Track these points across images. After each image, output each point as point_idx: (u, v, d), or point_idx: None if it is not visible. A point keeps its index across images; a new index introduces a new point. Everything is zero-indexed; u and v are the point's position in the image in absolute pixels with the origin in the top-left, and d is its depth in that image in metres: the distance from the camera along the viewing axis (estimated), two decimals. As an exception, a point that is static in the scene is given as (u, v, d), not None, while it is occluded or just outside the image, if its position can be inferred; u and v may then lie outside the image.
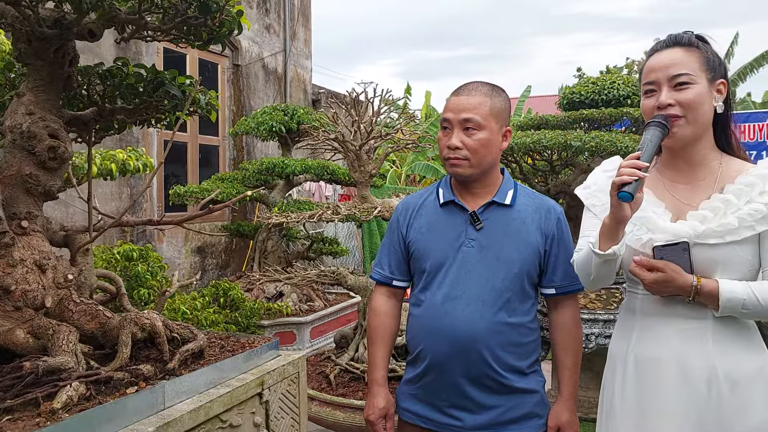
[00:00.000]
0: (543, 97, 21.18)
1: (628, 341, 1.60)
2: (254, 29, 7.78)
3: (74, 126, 1.89)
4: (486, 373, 1.70)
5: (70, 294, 1.68)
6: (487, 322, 1.69)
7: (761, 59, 16.45)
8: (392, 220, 1.92)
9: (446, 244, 1.76)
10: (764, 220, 1.43)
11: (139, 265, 4.08)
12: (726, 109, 1.53)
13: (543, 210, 1.80)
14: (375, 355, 1.88)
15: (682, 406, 1.48)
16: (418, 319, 1.79)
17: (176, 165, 6.77)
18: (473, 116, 1.70)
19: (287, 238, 6.24)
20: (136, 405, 1.52)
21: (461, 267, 1.73)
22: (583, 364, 4.32)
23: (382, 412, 1.83)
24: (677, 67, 1.50)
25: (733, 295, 1.42)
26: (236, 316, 4.69)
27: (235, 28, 1.65)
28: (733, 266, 1.46)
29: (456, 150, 1.71)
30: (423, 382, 1.78)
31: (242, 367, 1.91)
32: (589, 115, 4.59)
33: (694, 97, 1.48)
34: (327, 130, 3.62)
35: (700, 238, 1.47)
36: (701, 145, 1.54)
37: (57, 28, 1.57)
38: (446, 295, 1.73)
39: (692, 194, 1.54)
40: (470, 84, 1.78)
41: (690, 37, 1.54)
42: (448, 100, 1.78)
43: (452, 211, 1.79)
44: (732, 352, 1.47)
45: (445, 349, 1.71)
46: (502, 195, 1.78)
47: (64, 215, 5.10)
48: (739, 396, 1.45)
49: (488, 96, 1.73)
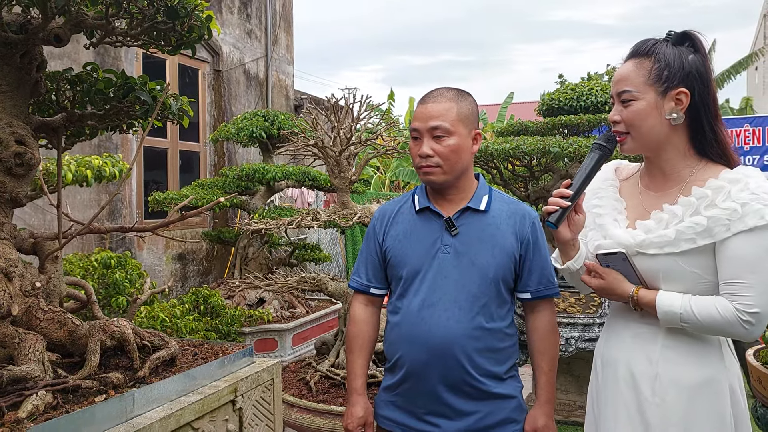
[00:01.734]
0: (525, 104, 21.36)
1: (599, 343, 1.65)
2: (235, 34, 7.76)
3: (44, 132, 1.87)
4: (463, 378, 1.70)
5: (37, 302, 1.66)
6: (463, 328, 1.69)
7: (738, 66, 16.74)
8: (369, 228, 1.92)
9: (422, 251, 1.76)
10: (706, 234, 1.39)
11: (117, 272, 4.03)
12: (699, 115, 1.46)
13: (518, 215, 1.80)
14: (354, 364, 1.88)
15: (629, 409, 1.49)
16: (396, 326, 1.79)
17: (156, 171, 6.71)
18: (441, 123, 1.70)
19: (269, 245, 6.21)
20: (104, 413, 1.51)
21: (438, 273, 1.73)
22: (563, 367, 4.38)
23: (360, 421, 1.83)
24: (621, 84, 1.49)
25: (670, 308, 1.41)
26: (217, 324, 4.65)
27: (205, 33, 1.64)
28: (675, 277, 1.44)
29: (427, 158, 1.71)
30: (401, 389, 1.78)
31: (215, 374, 1.90)
32: (568, 121, 4.64)
33: (632, 114, 1.47)
34: (307, 136, 3.61)
35: (640, 247, 1.47)
36: (665, 155, 1.51)
37: (23, 33, 1.55)
38: (423, 301, 1.73)
39: (656, 202, 1.53)
40: (436, 91, 1.78)
41: (647, 46, 1.49)
42: (416, 109, 1.78)
43: (428, 218, 1.80)
44: (679, 360, 1.46)
45: (423, 356, 1.71)
46: (477, 200, 1.79)
47: (41, 222, 5.03)
48: (683, 406, 1.43)
49: (454, 101, 1.74)
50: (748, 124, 10.18)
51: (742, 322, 1.35)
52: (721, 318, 1.37)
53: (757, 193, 1.36)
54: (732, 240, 1.37)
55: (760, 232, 1.35)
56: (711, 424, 1.42)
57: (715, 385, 1.44)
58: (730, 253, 1.37)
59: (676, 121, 1.46)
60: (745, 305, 1.35)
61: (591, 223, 1.62)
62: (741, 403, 1.48)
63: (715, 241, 1.39)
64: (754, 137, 10.05)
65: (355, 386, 1.86)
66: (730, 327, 1.37)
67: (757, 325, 1.36)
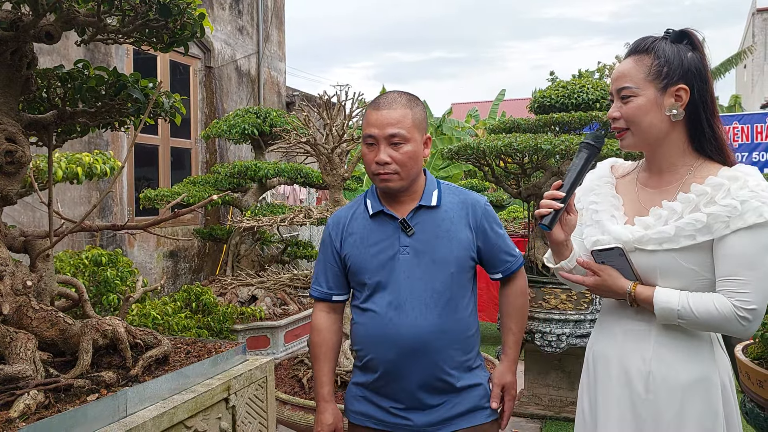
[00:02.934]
0: (517, 101, 21.41)
1: (591, 339, 1.66)
2: (227, 31, 7.73)
3: (34, 129, 1.85)
4: (435, 374, 1.73)
5: (29, 301, 1.65)
6: (431, 325, 1.72)
7: (727, 64, 16.84)
8: (324, 236, 1.92)
9: (382, 255, 1.77)
10: (705, 230, 1.40)
11: (108, 270, 4.01)
12: (698, 112, 1.48)
13: (468, 205, 1.82)
14: (320, 371, 1.88)
15: (621, 406, 1.50)
16: (364, 327, 1.81)
17: (148, 168, 6.68)
18: (398, 131, 1.71)
19: (261, 242, 6.20)
20: (97, 412, 1.50)
21: (400, 275, 1.75)
22: (554, 363, 4.40)
23: (330, 427, 1.85)
24: (621, 80, 1.50)
25: (668, 304, 1.42)
26: (209, 321, 4.64)
27: (198, 30, 1.63)
28: (673, 274, 1.45)
29: (385, 165, 1.72)
30: (372, 386, 1.80)
31: (208, 372, 1.89)
32: (559, 119, 4.64)
33: (633, 110, 1.48)
34: (299, 133, 3.61)
35: (639, 243, 1.47)
36: (664, 151, 1.52)
37: (13, 30, 1.54)
38: (389, 303, 1.75)
39: (654, 199, 1.53)
40: (389, 96, 1.78)
41: (647, 43, 1.50)
42: (368, 114, 1.77)
43: (383, 221, 1.80)
44: (671, 359, 1.46)
45: (394, 356, 1.73)
46: (428, 197, 1.80)
47: (31, 219, 5.00)
48: (676, 404, 1.44)
49: (409, 107, 1.75)
50: (737, 122, 10.25)
51: (740, 318, 1.36)
52: (718, 314, 1.37)
53: (756, 191, 1.37)
54: (731, 237, 1.38)
55: (758, 229, 1.36)
56: (704, 421, 1.43)
57: (707, 382, 1.45)
58: (729, 250, 1.38)
59: (675, 117, 1.47)
60: (743, 302, 1.36)
61: (588, 219, 1.63)
62: (732, 399, 1.50)
63: (714, 237, 1.39)
64: (743, 134, 10.12)
65: (322, 393, 1.87)
66: (727, 323, 1.38)
67: (753, 321, 1.37)
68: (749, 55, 17.94)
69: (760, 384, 2.53)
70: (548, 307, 4.14)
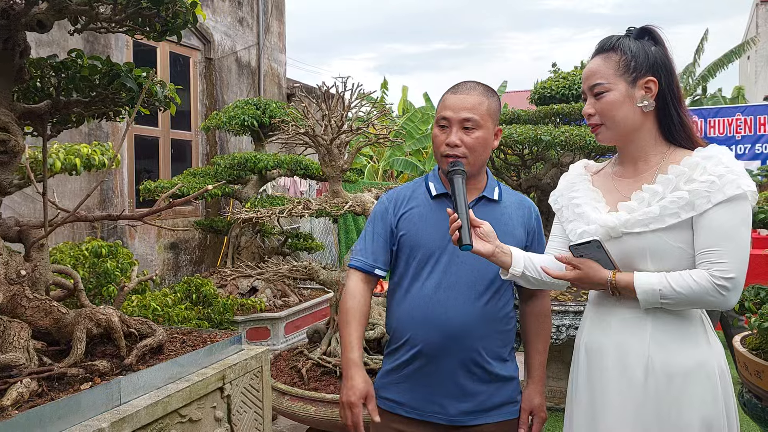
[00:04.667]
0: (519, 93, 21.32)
1: (582, 331, 1.66)
2: (227, 22, 7.70)
3: (29, 119, 1.85)
4: (475, 360, 1.75)
5: (23, 290, 1.65)
6: (478, 311, 1.75)
7: (731, 55, 16.73)
8: (378, 210, 1.92)
9: (438, 235, 1.79)
10: (689, 207, 1.44)
11: (108, 261, 4.02)
12: (666, 102, 1.54)
13: (524, 207, 1.90)
14: (351, 335, 1.80)
15: (621, 395, 1.51)
16: (406, 308, 1.80)
17: (148, 160, 6.68)
18: (473, 116, 1.75)
19: (261, 234, 6.20)
20: (90, 401, 1.50)
21: (453, 257, 1.78)
22: (554, 355, 4.41)
23: (362, 393, 1.72)
24: (593, 78, 1.57)
25: (649, 286, 1.45)
26: (209, 313, 4.65)
27: (190, 19, 1.62)
28: (662, 254, 1.48)
29: (455, 147, 1.76)
30: (408, 370, 1.79)
31: (203, 361, 1.90)
32: (559, 110, 4.63)
33: (606, 105, 1.55)
34: (298, 125, 3.60)
35: (626, 227, 1.51)
36: (637, 142, 1.58)
37: (5, 19, 1.54)
38: (438, 284, 1.76)
39: (632, 187, 1.58)
40: (468, 83, 1.83)
41: (612, 41, 1.57)
42: (445, 98, 1.82)
43: (444, 204, 1.82)
44: (669, 344, 1.49)
45: (437, 338, 1.74)
46: (491, 191, 1.86)
47: (32, 211, 5.01)
48: (676, 389, 1.46)
49: (486, 96, 1.79)
50: (739, 113, 10.20)
51: (718, 287, 1.40)
52: (698, 286, 1.41)
53: (730, 167, 1.44)
54: (711, 211, 1.43)
55: (737, 201, 1.42)
56: (703, 407, 1.46)
57: (706, 367, 1.48)
58: (709, 223, 1.43)
59: (647, 108, 1.54)
60: (721, 271, 1.40)
61: (570, 215, 1.67)
62: (729, 386, 1.52)
63: (698, 213, 1.44)
64: (746, 126, 10.08)
65: (353, 358, 1.76)
66: (707, 295, 1.41)
67: (732, 290, 1.40)
68: (753, 46, 17.81)
69: (758, 375, 2.53)
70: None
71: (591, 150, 4.21)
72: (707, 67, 17.10)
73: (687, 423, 1.45)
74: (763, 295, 2.63)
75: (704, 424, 1.44)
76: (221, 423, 1.87)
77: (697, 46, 17.26)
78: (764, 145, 10.12)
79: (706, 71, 17.10)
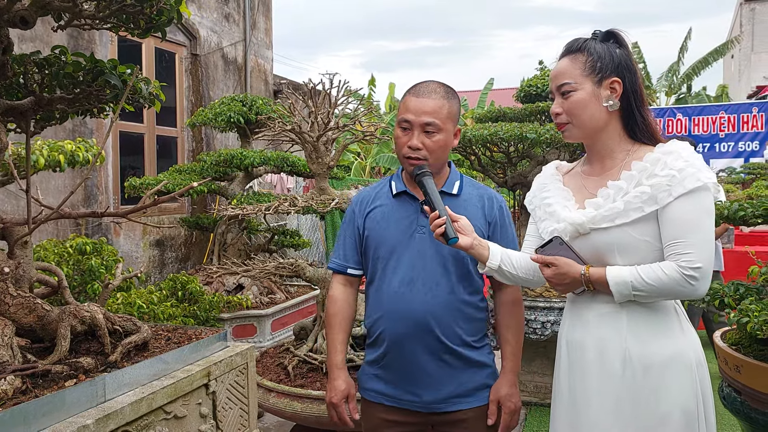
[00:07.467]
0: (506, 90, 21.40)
1: (563, 327, 1.70)
2: (213, 18, 7.66)
3: (12, 116, 1.84)
4: (443, 348, 1.82)
5: (6, 287, 1.64)
6: (440, 302, 1.82)
7: (715, 54, 16.91)
8: (348, 211, 2.02)
9: (399, 232, 1.87)
10: (651, 201, 1.49)
11: (92, 258, 3.99)
12: (630, 102, 1.59)
13: (486, 198, 1.95)
14: (334, 340, 1.96)
15: (601, 388, 1.55)
16: (376, 303, 1.90)
17: (133, 157, 6.63)
18: (434, 120, 1.80)
19: (248, 231, 6.19)
20: (74, 398, 1.51)
21: (415, 252, 1.85)
22: (539, 351, 4.44)
23: (343, 394, 1.91)
24: (561, 78, 1.62)
25: (621, 278, 1.49)
26: (195, 310, 4.64)
27: (174, 16, 1.62)
28: (629, 248, 1.52)
29: (417, 150, 1.81)
30: (384, 361, 1.88)
31: (188, 358, 1.90)
32: (545, 108, 4.65)
33: (573, 104, 1.59)
34: (284, 122, 3.59)
35: (593, 223, 1.55)
36: (603, 140, 1.63)
37: (-14, 15, 1.52)
38: (402, 279, 1.84)
39: (599, 183, 1.63)
40: (429, 85, 1.87)
41: (578, 43, 1.62)
42: (406, 99, 1.86)
43: (404, 201, 1.91)
44: (645, 336, 1.53)
45: (403, 329, 1.82)
46: (450, 186, 1.92)
47: (15, 208, 4.96)
48: (652, 380, 1.50)
49: (446, 99, 1.84)
50: (723, 112, 10.33)
51: (687, 278, 1.43)
52: (667, 278, 1.45)
53: (690, 161, 1.49)
54: (673, 204, 1.47)
55: (697, 193, 1.47)
56: (680, 398, 1.49)
57: (683, 357, 1.52)
58: (672, 215, 1.47)
59: (612, 108, 1.58)
60: (688, 261, 1.44)
61: (543, 214, 1.72)
62: (706, 377, 1.56)
63: (660, 206, 1.48)
64: (729, 124, 10.20)
65: (335, 361, 1.95)
66: (677, 285, 1.45)
67: (701, 280, 1.44)
68: (736, 45, 18.02)
69: (737, 369, 2.57)
70: (533, 295, 4.18)
71: (576, 148, 4.25)
72: (692, 66, 17.27)
73: (665, 412, 1.48)
74: (742, 291, 2.68)
75: (682, 413, 1.48)
76: (206, 419, 1.88)
77: (682, 44, 17.43)
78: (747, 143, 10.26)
79: (691, 69, 17.27)
